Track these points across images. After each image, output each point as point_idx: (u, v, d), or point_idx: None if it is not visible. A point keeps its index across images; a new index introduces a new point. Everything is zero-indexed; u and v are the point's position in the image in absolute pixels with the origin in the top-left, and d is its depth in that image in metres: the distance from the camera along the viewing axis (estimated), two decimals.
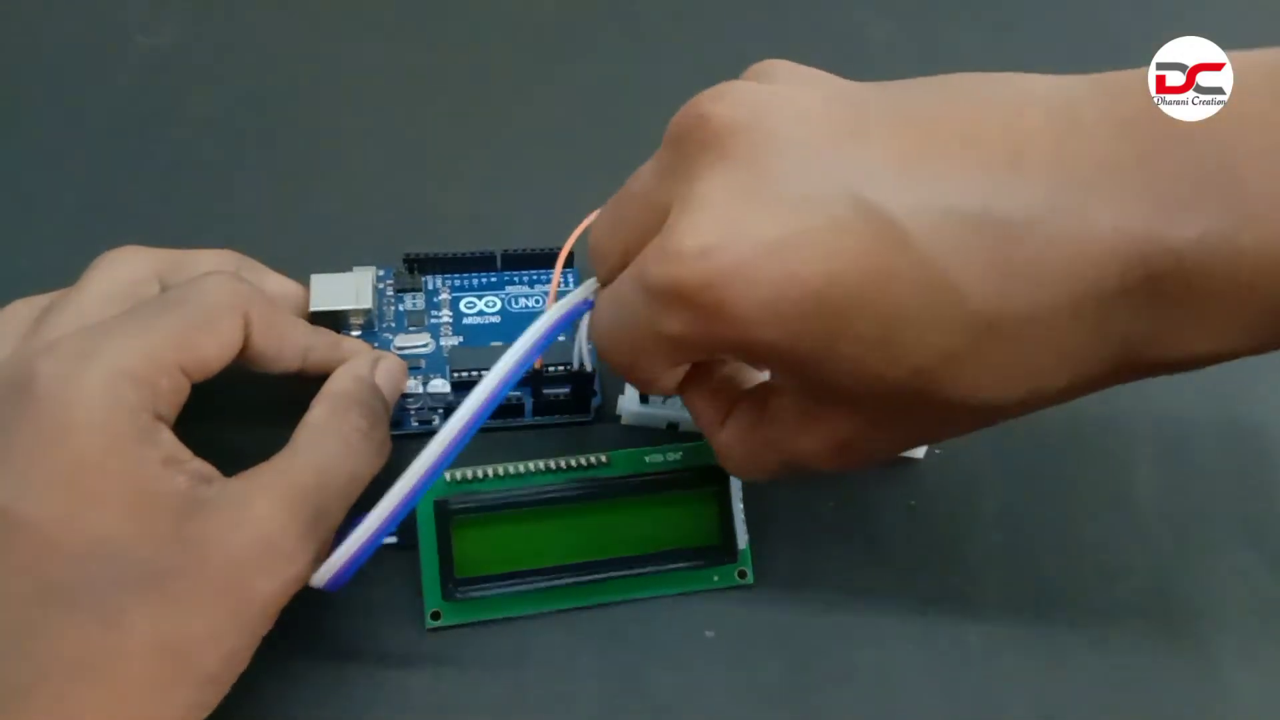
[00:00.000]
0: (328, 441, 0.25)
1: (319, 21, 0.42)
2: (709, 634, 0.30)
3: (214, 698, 0.23)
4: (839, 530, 0.31)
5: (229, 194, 0.37)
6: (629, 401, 0.32)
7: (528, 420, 0.33)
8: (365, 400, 0.27)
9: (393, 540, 0.29)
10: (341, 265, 0.34)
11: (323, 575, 0.26)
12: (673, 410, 0.31)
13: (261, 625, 0.24)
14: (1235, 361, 0.34)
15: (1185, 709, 0.29)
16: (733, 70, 0.24)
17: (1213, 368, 0.34)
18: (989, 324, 0.19)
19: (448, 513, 0.28)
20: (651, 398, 0.31)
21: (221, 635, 0.23)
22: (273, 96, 0.40)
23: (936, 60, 0.42)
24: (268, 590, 0.23)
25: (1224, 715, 0.29)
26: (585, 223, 0.27)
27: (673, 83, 0.39)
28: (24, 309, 0.28)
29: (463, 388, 0.32)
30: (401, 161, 0.39)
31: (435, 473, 0.24)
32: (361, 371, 0.28)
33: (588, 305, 0.26)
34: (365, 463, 0.26)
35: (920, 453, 0.32)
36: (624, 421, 0.32)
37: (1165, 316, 0.19)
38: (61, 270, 0.34)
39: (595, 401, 0.33)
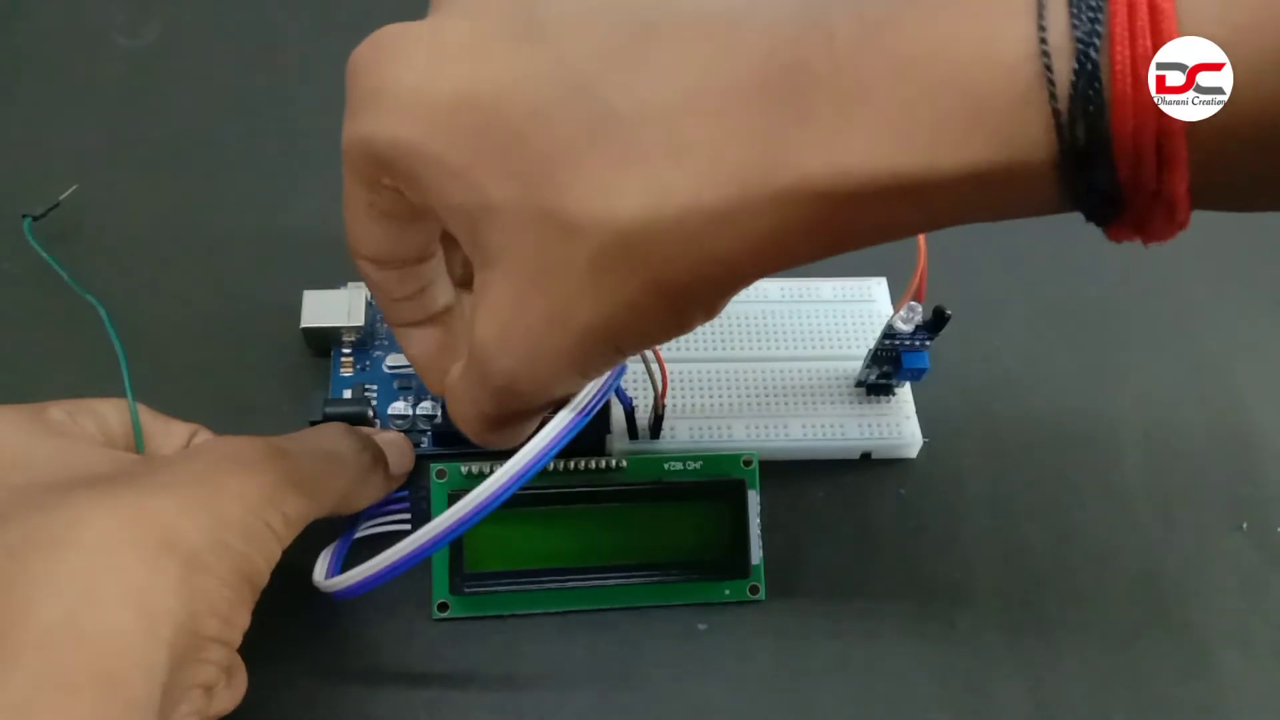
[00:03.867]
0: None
1: (310, 19, 0.42)
2: (701, 626, 0.30)
3: None
4: (831, 523, 0.32)
5: (215, 202, 0.37)
6: (618, 439, 0.32)
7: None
8: None
9: (407, 528, 0.29)
10: (335, 281, 0.33)
11: (333, 584, 0.26)
12: (660, 445, 0.31)
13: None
14: (1216, 343, 0.37)
15: (1175, 689, 0.30)
16: None
17: (1196, 350, 0.35)
18: (611, 111, 0.19)
19: None
20: (641, 436, 0.31)
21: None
22: (258, 100, 0.39)
23: None
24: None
25: (1213, 695, 0.30)
26: None
27: None
28: None
29: None
30: None
31: (462, 526, 0.24)
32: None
33: (621, 371, 0.25)
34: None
35: (914, 451, 0.33)
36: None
37: (806, 111, 0.18)
38: (43, 271, 0.33)
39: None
